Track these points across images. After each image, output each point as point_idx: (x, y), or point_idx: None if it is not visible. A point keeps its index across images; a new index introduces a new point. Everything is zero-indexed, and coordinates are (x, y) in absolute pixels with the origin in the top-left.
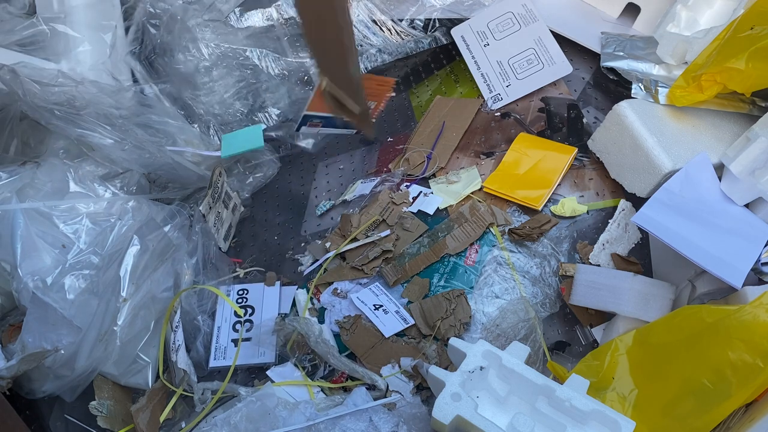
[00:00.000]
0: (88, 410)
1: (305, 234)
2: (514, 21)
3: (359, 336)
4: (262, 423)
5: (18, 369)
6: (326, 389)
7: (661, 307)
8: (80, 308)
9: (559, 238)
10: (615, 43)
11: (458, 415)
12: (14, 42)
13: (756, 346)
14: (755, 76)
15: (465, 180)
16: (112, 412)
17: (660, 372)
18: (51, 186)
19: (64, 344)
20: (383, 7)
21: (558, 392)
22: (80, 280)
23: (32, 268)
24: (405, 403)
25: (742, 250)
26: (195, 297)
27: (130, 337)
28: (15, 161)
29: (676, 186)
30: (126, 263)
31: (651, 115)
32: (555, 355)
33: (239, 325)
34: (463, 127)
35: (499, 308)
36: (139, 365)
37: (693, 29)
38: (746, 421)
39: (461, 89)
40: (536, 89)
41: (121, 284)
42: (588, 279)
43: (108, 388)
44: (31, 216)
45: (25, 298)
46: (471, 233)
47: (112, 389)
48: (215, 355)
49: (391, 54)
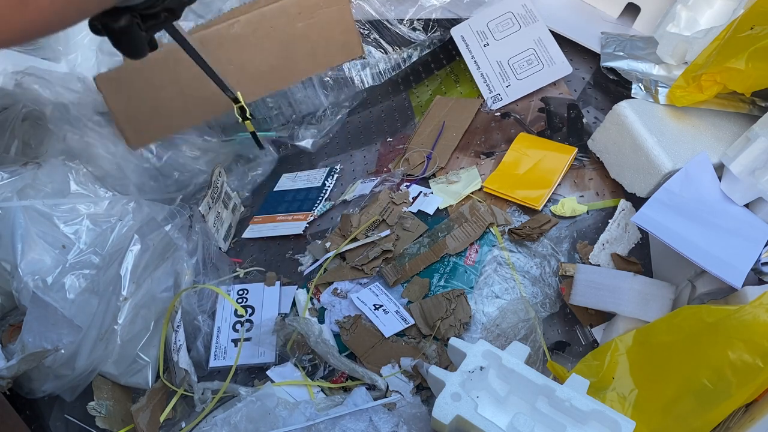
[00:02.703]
0: (103, 394)
1: (305, 234)
2: (514, 21)
3: (359, 336)
4: (262, 423)
5: (18, 369)
6: (326, 389)
7: (661, 307)
8: (80, 307)
9: (559, 238)
10: (615, 43)
11: (458, 415)
12: None
13: (756, 346)
14: (755, 76)
15: (465, 180)
16: (111, 413)
17: (660, 372)
18: (52, 187)
19: (64, 343)
20: (383, 9)
21: (558, 392)
22: (80, 279)
23: (32, 267)
24: (405, 403)
25: (742, 250)
26: (195, 297)
27: (131, 336)
28: (16, 162)
29: (676, 186)
30: (127, 262)
31: (651, 115)
32: (555, 355)
33: (239, 325)
34: (463, 127)
35: (499, 308)
36: (139, 365)
37: (693, 29)
38: (746, 421)
39: (461, 89)
40: (536, 89)
41: (121, 283)
42: (588, 279)
43: (107, 388)
44: (31, 216)
45: (26, 298)
46: (471, 233)
47: (111, 389)
48: (215, 355)
49: (394, 68)
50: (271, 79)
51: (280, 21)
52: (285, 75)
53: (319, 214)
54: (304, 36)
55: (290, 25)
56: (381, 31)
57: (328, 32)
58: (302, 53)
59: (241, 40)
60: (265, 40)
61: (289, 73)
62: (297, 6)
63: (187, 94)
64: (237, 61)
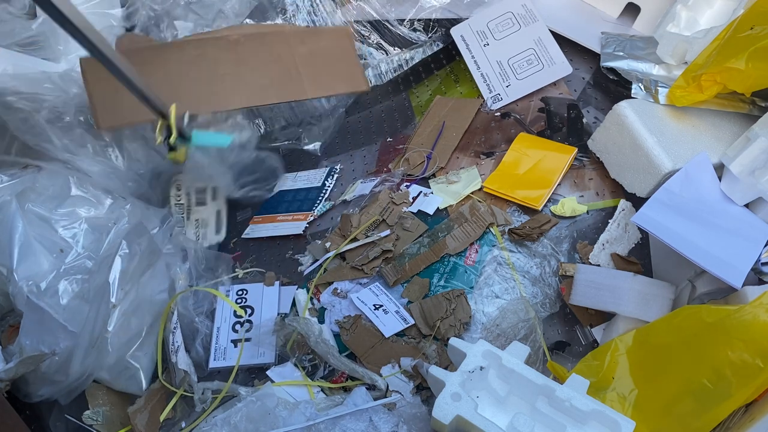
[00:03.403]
0: (98, 401)
1: (305, 234)
2: (514, 21)
3: (359, 336)
4: (262, 423)
5: (16, 371)
6: (326, 389)
7: (661, 307)
8: (73, 313)
9: (559, 238)
10: (615, 43)
11: (458, 415)
12: (14, 42)
13: (756, 346)
14: (755, 76)
15: (465, 180)
16: (108, 418)
17: (660, 372)
18: (52, 190)
19: (60, 347)
20: (383, 10)
21: (558, 392)
22: (74, 285)
23: (28, 272)
24: (405, 403)
25: (742, 250)
26: (191, 299)
27: (122, 342)
28: (16, 164)
29: (676, 186)
30: (115, 269)
31: (651, 115)
32: (555, 355)
33: (239, 326)
34: (463, 127)
35: (499, 308)
36: (131, 370)
37: (693, 29)
38: (746, 421)
39: (461, 89)
40: (536, 89)
41: (110, 290)
42: (588, 279)
43: (101, 393)
44: (30, 219)
45: (21, 302)
46: (471, 233)
47: (106, 394)
48: (215, 356)
49: (395, 70)
50: (270, 93)
51: (281, 45)
52: (285, 91)
53: (319, 214)
54: (307, 61)
55: (292, 49)
56: (382, 32)
57: (331, 62)
58: (304, 75)
59: (242, 53)
60: (266, 57)
61: (289, 91)
62: (299, 35)
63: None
64: (235, 72)
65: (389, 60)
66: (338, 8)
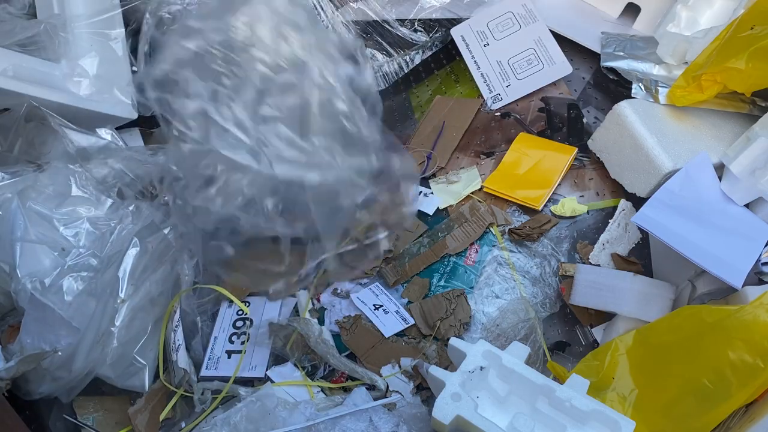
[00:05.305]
0: (88, 410)
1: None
2: (514, 21)
3: (359, 336)
4: (262, 423)
5: (17, 370)
6: (326, 389)
7: (661, 307)
8: (78, 309)
9: (559, 238)
10: (615, 43)
11: (458, 415)
12: (14, 42)
13: (756, 346)
14: (755, 76)
15: (465, 180)
16: (102, 423)
17: (660, 372)
18: (53, 189)
19: (62, 345)
20: (383, 11)
21: (558, 392)
22: (78, 281)
23: (31, 269)
24: (405, 403)
25: (742, 250)
26: (195, 298)
27: (128, 338)
28: (18, 161)
29: (676, 186)
30: (125, 264)
31: (651, 115)
32: (555, 355)
33: (236, 337)
34: (463, 127)
35: (499, 308)
36: (136, 367)
37: (693, 29)
38: (746, 421)
39: (461, 89)
40: (536, 89)
41: (119, 285)
42: (588, 279)
43: (92, 404)
44: (31, 218)
45: (23, 300)
46: (471, 233)
47: (97, 403)
48: (207, 365)
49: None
50: None
51: None
52: None
53: None
54: None
55: None
56: (382, 34)
57: None
58: None
59: None
60: None
61: None
62: None
63: None
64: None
65: (391, 61)
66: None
